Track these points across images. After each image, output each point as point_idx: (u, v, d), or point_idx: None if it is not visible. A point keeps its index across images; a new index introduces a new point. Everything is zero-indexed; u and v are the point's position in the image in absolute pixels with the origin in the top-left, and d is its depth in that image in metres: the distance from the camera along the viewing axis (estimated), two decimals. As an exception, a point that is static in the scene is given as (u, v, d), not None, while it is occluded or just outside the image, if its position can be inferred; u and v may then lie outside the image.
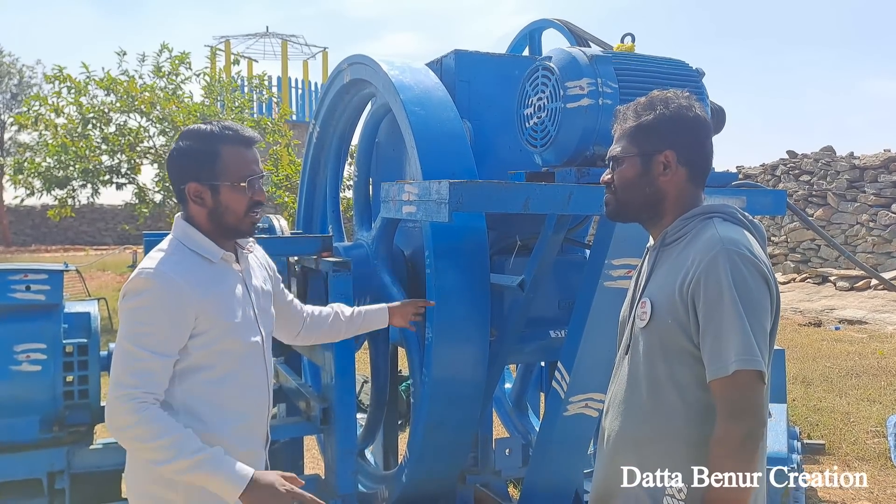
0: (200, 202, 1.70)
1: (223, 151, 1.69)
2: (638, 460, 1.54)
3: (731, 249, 1.43)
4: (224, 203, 1.70)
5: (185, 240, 1.71)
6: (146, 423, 1.55)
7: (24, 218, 27.34)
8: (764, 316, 1.43)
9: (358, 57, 3.05)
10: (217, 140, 1.69)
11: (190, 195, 1.70)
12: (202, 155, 1.69)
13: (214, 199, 1.70)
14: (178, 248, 1.70)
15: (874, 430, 4.97)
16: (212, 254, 1.71)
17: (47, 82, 12.06)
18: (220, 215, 1.71)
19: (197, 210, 1.72)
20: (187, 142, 1.71)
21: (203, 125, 1.73)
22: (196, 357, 1.65)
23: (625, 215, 1.65)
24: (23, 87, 28.44)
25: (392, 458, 3.36)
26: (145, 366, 1.58)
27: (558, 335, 2.82)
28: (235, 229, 1.74)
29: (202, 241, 1.71)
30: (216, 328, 1.66)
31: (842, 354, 7.52)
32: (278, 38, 25.13)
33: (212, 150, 1.69)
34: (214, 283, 1.69)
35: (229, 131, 1.70)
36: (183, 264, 1.66)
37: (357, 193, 3.30)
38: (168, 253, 1.68)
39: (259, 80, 14.60)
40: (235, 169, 1.70)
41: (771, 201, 2.57)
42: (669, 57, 2.52)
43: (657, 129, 1.56)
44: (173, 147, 1.75)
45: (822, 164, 13.04)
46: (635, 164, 1.58)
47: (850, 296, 11.05)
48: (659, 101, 1.57)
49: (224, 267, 1.74)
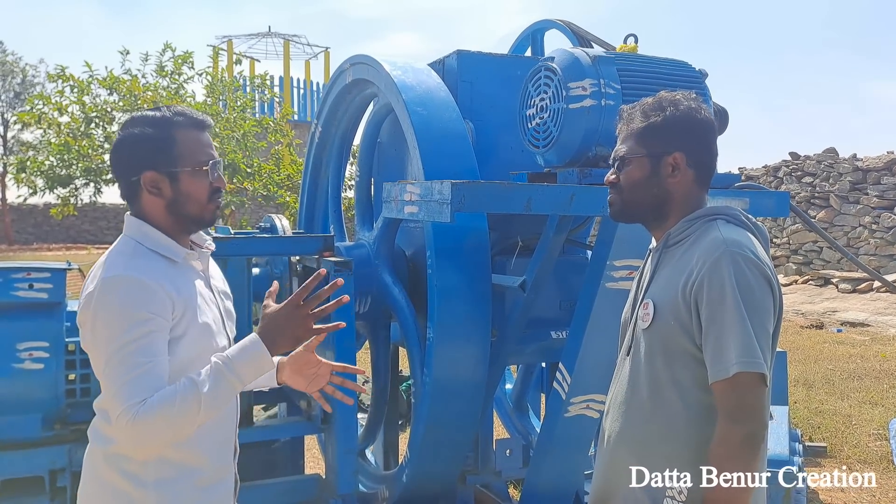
0: (157, 193, 1.54)
1: (179, 136, 1.55)
2: (638, 461, 1.54)
3: (735, 251, 1.43)
4: (185, 191, 1.55)
5: (142, 239, 1.55)
6: (156, 411, 1.39)
7: (27, 216, 27.38)
8: (766, 318, 1.43)
9: (360, 57, 3.05)
10: (171, 125, 1.55)
11: (146, 186, 1.54)
12: (156, 141, 1.53)
13: (174, 187, 1.55)
14: (137, 249, 1.53)
15: (876, 433, 4.96)
16: (174, 253, 1.56)
17: (50, 81, 12.09)
18: (180, 205, 1.56)
19: (153, 203, 1.55)
20: (137, 129, 1.55)
21: (150, 111, 1.59)
22: (174, 367, 1.48)
23: (630, 216, 1.64)
24: (26, 85, 28.50)
25: (392, 458, 3.36)
26: (145, 371, 1.42)
27: (559, 336, 2.82)
28: (198, 219, 1.59)
29: (162, 239, 1.55)
30: (191, 332, 1.52)
31: (844, 357, 7.50)
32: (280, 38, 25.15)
33: (166, 135, 1.54)
34: (184, 284, 1.54)
35: (181, 115, 1.57)
36: (146, 265, 1.50)
37: (359, 193, 3.30)
38: (129, 256, 1.51)
39: (261, 79, 14.60)
40: (193, 153, 1.56)
41: (774, 203, 2.57)
42: (672, 58, 2.52)
43: (667, 130, 1.55)
44: (119, 137, 1.58)
45: (824, 166, 13.02)
46: (644, 164, 1.57)
47: (852, 298, 11.04)
48: (668, 102, 1.56)
49: (187, 266, 1.60)
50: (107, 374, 1.44)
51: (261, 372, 1.49)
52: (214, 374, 1.45)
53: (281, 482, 2.82)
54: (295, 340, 1.53)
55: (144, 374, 1.42)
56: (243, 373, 1.47)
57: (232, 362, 1.46)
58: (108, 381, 1.44)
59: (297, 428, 2.99)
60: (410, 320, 2.77)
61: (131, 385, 1.41)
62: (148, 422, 1.39)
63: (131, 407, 1.39)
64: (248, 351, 1.48)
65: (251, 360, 1.47)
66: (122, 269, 1.47)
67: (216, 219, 1.64)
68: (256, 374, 1.50)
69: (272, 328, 1.50)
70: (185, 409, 1.41)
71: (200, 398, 1.41)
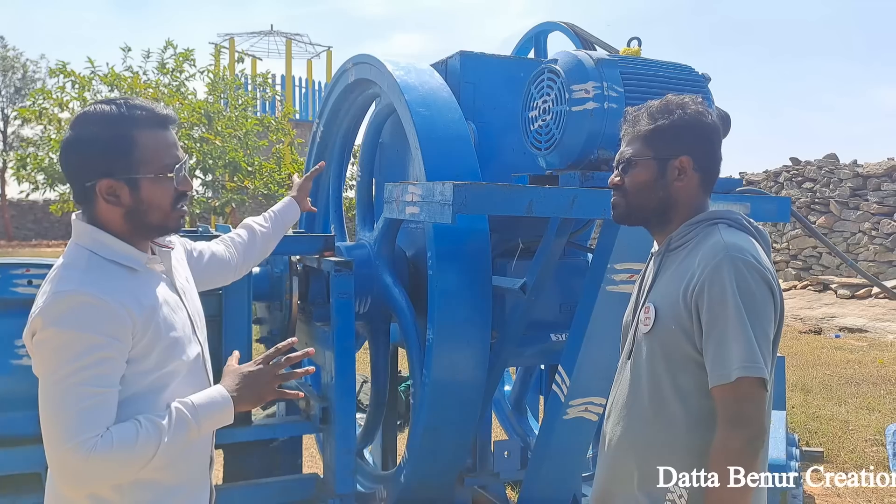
0: (115, 201, 1.38)
1: (139, 137, 1.37)
2: (639, 465, 1.54)
3: (736, 256, 1.43)
4: (146, 199, 1.38)
5: (96, 248, 1.38)
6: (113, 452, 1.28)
7: (27, 212, 27.35)
8: (767, 323, 1.43)
9: (363, 57, 3.05)
10: (130, 123, 1.37)
11: (101, 194, 1.37)
12: (113, 143, 1.36)
13: (133, 195, 1.38)
14: (91, 259, 1.37)
15: (873, 438, 4.96)
16: (134, 261, 1.40)
17: (51, 77, 12.09)
18: (141, 214, 1.39)
19: (109, 210, 1.39)
20: (90, 128, 1.37)
21: (106, 106, 1.39)
22: (139, 386, 1.37)
23: (633, 219, 1.64)
24: (27, 81, 28.47)
25: (391, 459, 3.36)
26: (97, 403, 1.28)
27: (559, 339, 2.82)
28: (161, 227, 1.44)
29: (119, 247, 1.39)
30: (158, 348, 1.38)
31: (842, 362, 7.51)
32: (282, 37, 25.11)
33: (124, 135, 1.36)
34: (145, 296, 1.39)
35: (142, 111, 1.38)
36: (103, 279, 1.34)
37: (360, 193, 3.30)
38: (81, 268, 1.35)
39: (263, 78, 14.61)
40: (157, 157, 1.39)
41: (775, 208, 2.57)
42: (675, 62, 2.52)
43: (674, 133, 1.55)
44: (69, 136, 1.39)
45: (825, 172, 13.02)
46: (650, 167, 1.56)
47: (850, 304, 11.04)
48: (676, 105, 1.56)
49: (148, 272, 1.44)
50: (54, 401, 1.28)
51: (221, 425, 1.44)
52: (178, 423, 1.35)
53: (279, 481, 2.81)
54: (258, 399, 1.47)
55: (98, 405, 1.29)
56: (206, 426, 1.40)
57: (198, 414, 1.38)
58: (56, 410, 1.28)
59: (295, 427, 2.98)
60: (410, 321, 2.76)
61: (84, 416, 1.27)
62: (103, 458, 1.27)
63: (87, 441, 1.26)
64: (216, 405, 1.41)
65: (216, 414, 1.41)
66: (77, 284, 1.31)
67: (181, 226, 1.50)
68: (216, 427, 1.44)
69: (240, 385, 1.45)
70: (143, 453, 1.31)
71: (160, 446, 1.32)
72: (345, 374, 2.55)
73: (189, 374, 1.46)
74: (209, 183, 11.90)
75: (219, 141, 11.39)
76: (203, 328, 1.58)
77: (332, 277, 2.54)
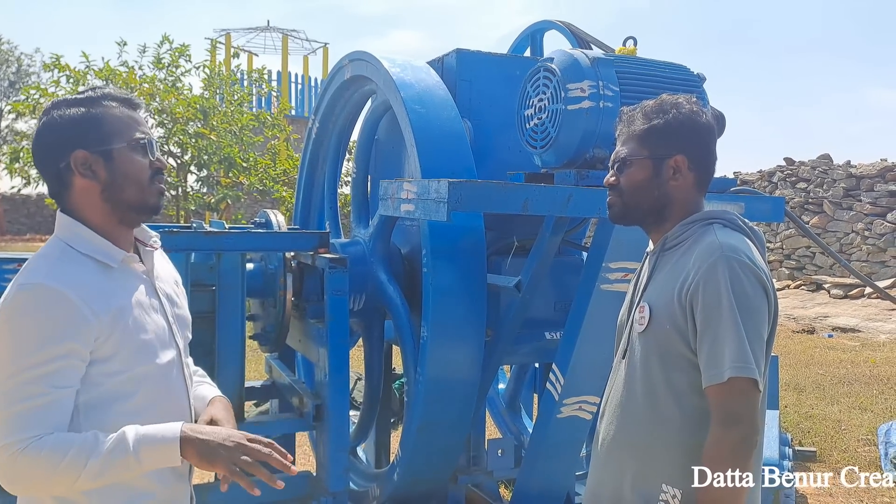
0: (91, 175, 1.36)
1: (109, 111, 1.38)
2: (633, 465, 1.54)
3: (731, 256, 1.43)
4: (122, 170, 1.37)
5: (73, 241, 1.36)
6: (40, 458, 1.23)
7: (20, 206, 27.22)
8: (761, 323, 1.43)
9: (359, 53, 3.04)
10: (97, 102, 1.38)
11: (77, 168, 1.35)
12: (84, 118, 1.36)
13: (109, 167, 1.36)
14: (66, 252, 1.34)
15: (865, 438, 4.99)
16: (110, 257, 1.37)
17: (45, 71, 12.01)
18: (118, 189, 1.37)
19: (87, 190, 1.36)
20: (60, 111, 1.37)
21: (77, 93, 1.42)
22: (106, 387, 1.33)
23: (630, 218, 1.64)
24: (21, 74, 28.35)
25: (384, 457, 3.36)
26: (44, 403, 1.24)
27: (553, 337, 2.82)
28: (140, 205, 1.40)
29: (96, 241, 1.36)
30: (125, 350, 1.34)
31: (834, 362, 7.54)
32: (279, 33, 25.03)
33: (95, 111, 1.37)
34: (116, 295, 1.35)
35: (110, 91, 1.41)
36: (73, 273, 1.31)
37: (355, 190, 3.29)
38: (53, 260, 1.32)
39: (259, 73, 14.55)
40: (128, 130, 1.38)
41: (769, 208, 2.58)
42: (671, 61, 2.52)
43: (670, 132, 1.55)
44: (42, 122, 1.38)
45: (818, 172, 13.06)
46: (646, 166, 1.56)
47: (843, 304, 11.08)
48: (671, 105, 1.57)
49: (125, 271, 1.40)
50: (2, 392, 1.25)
51: (165, 464, 1.33)
52: (116, 446, 1.27)
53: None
54: (209, 458, 1.32)
55: (41, 407, 1.24)
56: (146, 459, 1.29)
57: (140, 444, 1.28)
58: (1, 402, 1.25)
59: (288, 425, 2.98)
60: (405, 318, 2.76)
61: (22, 417, 1.23)
62: (28, 462, 1.23)
63: (19, 441, 1.22)
64: (163, 440, 1.31)
65: (159, 449, 1.30)
66: (44, 276, 1.28)
67: (161, 205, 1.45)
68: (159, 465, 1.33)
69: (203, 434, 1.33)
70: (71, 467, 1.24)
71: (87, 464, 1.24)
72: (338, 371, 2.54)
73: (161, 379, 1.41)
74: (204, 179, 11.85)
75: (214, 136, 11.35)
76: (185, 335, 1.53)
77: (327, 274, 2.54)
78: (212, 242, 2.59)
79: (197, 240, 2.57)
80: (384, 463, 3.30)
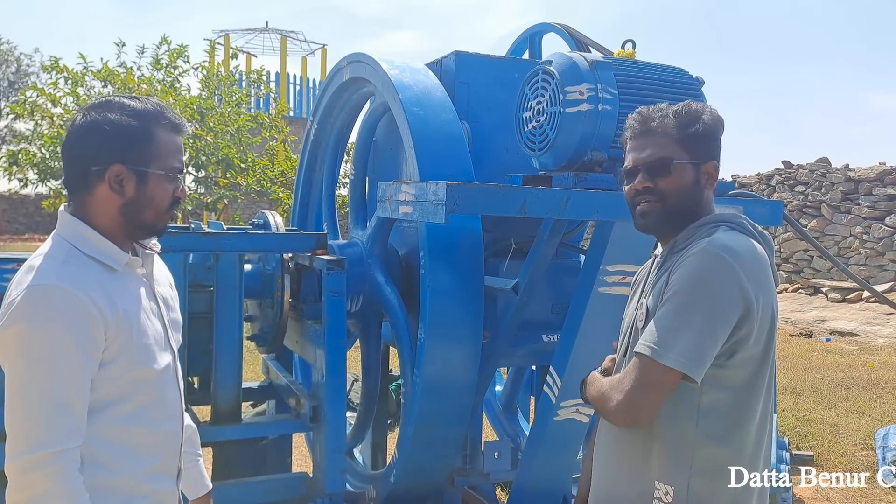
0: (119, 189, 1.37)
1: (159, 134, 1.39)
2: (630, 463, 1.55)
3: (713, 250, 1.43)
4: (149, 194, 1.39)
5: (79, 243, 1.36)
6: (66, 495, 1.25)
7: (18, 206, 27.18)
8: (716, 318, 1.40)
9: (357, 55, 3.04)
10: (153, 119, 1.39)
11: (109, 180, 1.36)
12: (135, 132, 1.36)
13: (139, 188, 1.37)
14: (72, 253, 1.34)
15: (863, 442, 4.99)
16: (114, 261, 1.38)
17: (44, 72, 12.00)
18: (138, 209, 1.39)
19: (108, 199, 1.37)
20: (113, 114, 1.36)
21: (128, 99, 1.41)
22: (105, 391, 1.33)
23: (670, 225, 1.57)
24: (20, 75, 28.34)
25: (381, 458, 3.35)
26: (66, 411, 1.25)
27: (551, 339, 2.82)
28: (151, 227, 1.43)
29: (102, 244, 1.37)
30: (126, 353, 1.35)
31: (832, 366, 7.54)
32: (277, 34, 25.03)
33: (147, 129, 1.38)
34: (119, 298, 1.35)
35: (163, 112, 1.41)
36: (81, 275, 1.31)
37: (353, 192, 3.29)
38: (61, 261, 1.32)
39: (257, 74, 14.55)
40: (168, 156, 1.40)
41: (768, 211, 2.58)
42: (670, 65, 2.52)
43: (707, 138, 1.55)
44: (90, 119, 1.37)
45: (817, 176, 13.08)
46: (689, 171, 1.54)
47: (841, 307, 11.09)
48: (701, 111, 1.56)
49: (128, 274, 1.41)
50: (15, 409, 1.25)
51: None
52: None
53: (268, 480, 2.81)
54: None
55: (62, 413, 1.26)
56: None
57: None
58: (17, 418, 1.25)
59: (285, 426, 2.98)
60: (402, 320, 2.76)
61: (50, 423, 1.24)
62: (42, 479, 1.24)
63: (49, 456, 1.24)
64: None
65: None
66: (55, 277, 1.28)
67: (166, 230, 1.50)
68: None
69: None
70: None
71: None
72: (335, 372, 2.54)
73: (158, 383, 1.42)
74: (201, 179, 11.84)
75: (211, 137, 11.34)
76: (177, 339, 1.54)
77: (325, 275, 2.54)
78: (210, 243, 2.59)
79: (195, 240, 2.57)
80: (381, 464, 3.29)
